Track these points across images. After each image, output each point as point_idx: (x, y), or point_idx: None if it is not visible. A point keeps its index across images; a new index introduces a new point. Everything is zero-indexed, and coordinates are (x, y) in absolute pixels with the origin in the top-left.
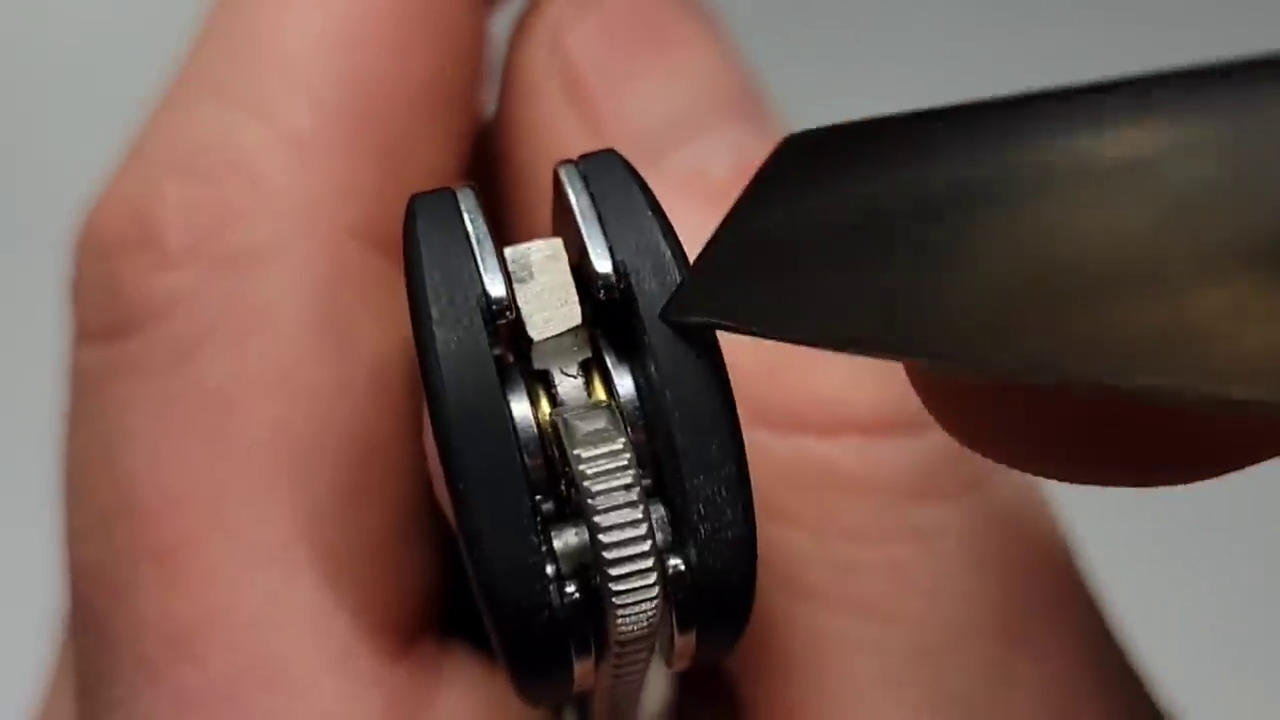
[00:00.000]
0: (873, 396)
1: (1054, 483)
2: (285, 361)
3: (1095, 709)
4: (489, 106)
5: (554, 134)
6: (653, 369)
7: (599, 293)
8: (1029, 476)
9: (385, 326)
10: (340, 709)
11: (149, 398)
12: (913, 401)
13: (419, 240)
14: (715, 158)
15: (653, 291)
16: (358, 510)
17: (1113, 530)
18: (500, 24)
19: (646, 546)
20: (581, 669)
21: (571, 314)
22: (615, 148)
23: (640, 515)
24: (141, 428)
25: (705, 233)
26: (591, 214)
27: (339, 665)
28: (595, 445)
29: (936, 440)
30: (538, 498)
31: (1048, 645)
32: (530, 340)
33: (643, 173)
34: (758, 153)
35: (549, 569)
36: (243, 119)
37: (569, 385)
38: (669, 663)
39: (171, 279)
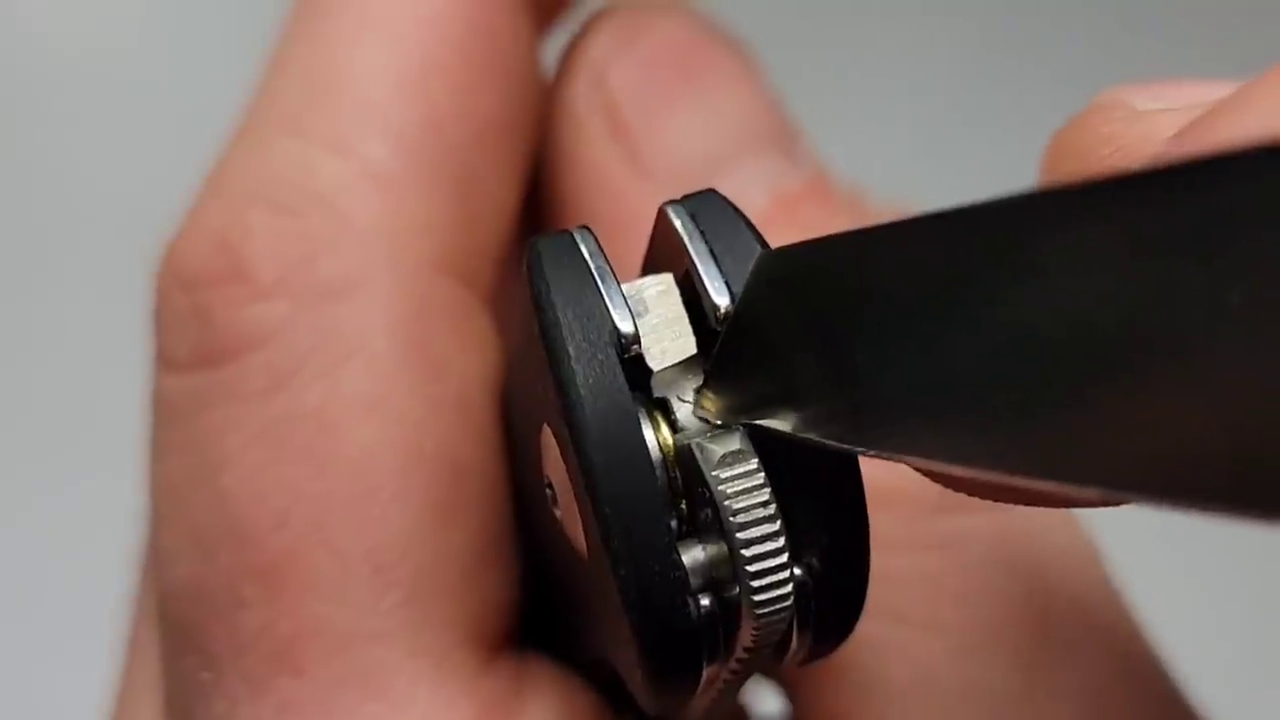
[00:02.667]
0: None
1: None
2: (377, 388)
3: (1127, 707)
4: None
5: (596, 168)
6: None
7: (715, 323)
8: None
9: (468, 353)
10: (436, 715)
11: (246, 422)
12: None
13: (548, 281)
14: (753, 189)
15: None
16: (449, 528)
17: (1138, 534)
18: (545, 57)
19: (784, 559)
20: (708, 674)
21: (687, 345)
22: (656, 181)
23: (778, 529)
24: (240, 451)
25: None
26: (704, 249)
27: (434, 674)
28: (732, 466)
29: None
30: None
31: (1078, 646)
32: (649, 371)
33: None
34: (793, 183)
35: (690, 582)
36: (323, 154)
37: (687, 410)
38: (781, 663)
39: (263, 309)
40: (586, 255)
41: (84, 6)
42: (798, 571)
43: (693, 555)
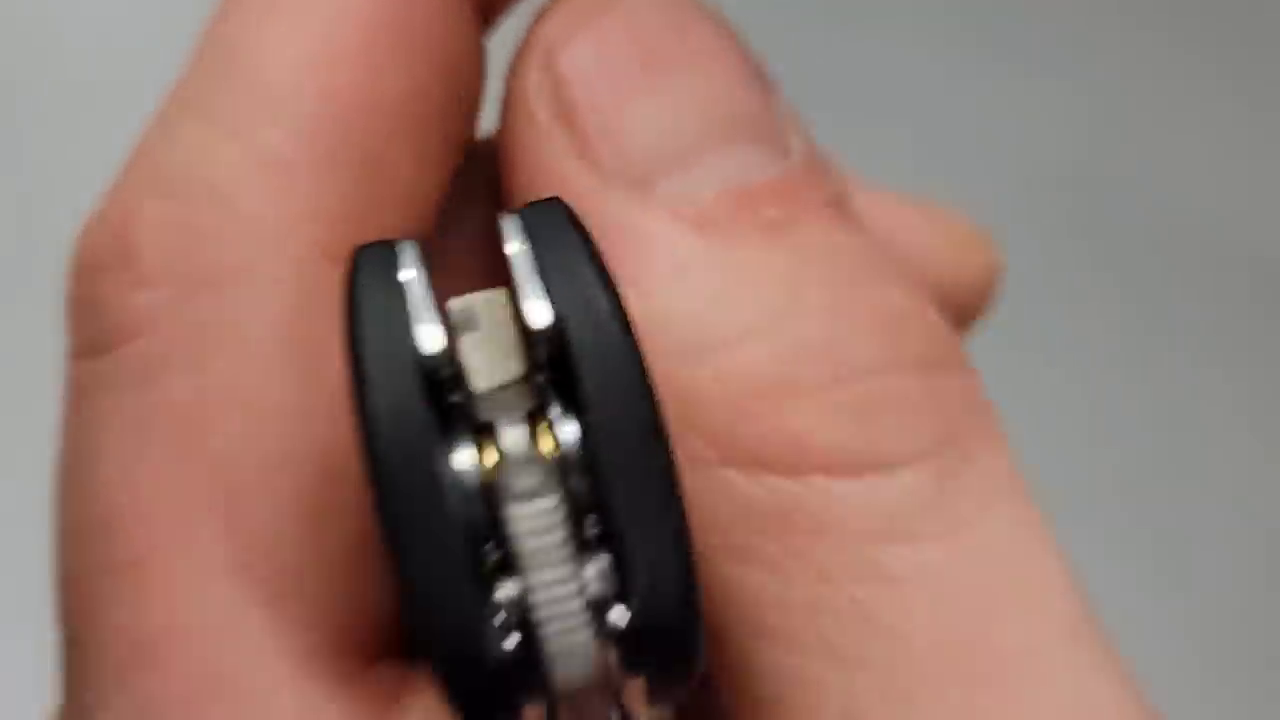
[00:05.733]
0: (844, 435)
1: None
2: (249, 382)
3: None
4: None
5: (544, 158)
6: (590, 421)
7: (539, 344)
8: (1030, 515)
9: None
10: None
11: (119, 413)
12: (886, 440)
13: (355, 295)
14: (712, 183)
15: (589, 343)
16: (316, 530)
17: (1124, 568)
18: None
19: (577, 604)
20: (531, 716)
21: (513, 365)
22: (605, 174)
23: (569, 573)
24: (112, 443)
25: (695, 263)
26: (530, 264)
27: (295, 679)
28: (526, 502)
29: (911, 481)
30: (486, 548)
31: (1023, 691)
32: (472, 392)
33: (633, 199)
34: (767, 175)
35: (494, 619)
36: (220, 138)
37: (514, 436)
38: (624, 701)
39: (145, 297)
40: (404, 267)
41: (87, 7)
42: (619, 611)
43: (507, 590)
